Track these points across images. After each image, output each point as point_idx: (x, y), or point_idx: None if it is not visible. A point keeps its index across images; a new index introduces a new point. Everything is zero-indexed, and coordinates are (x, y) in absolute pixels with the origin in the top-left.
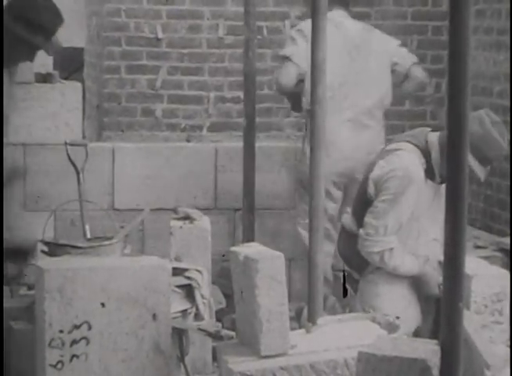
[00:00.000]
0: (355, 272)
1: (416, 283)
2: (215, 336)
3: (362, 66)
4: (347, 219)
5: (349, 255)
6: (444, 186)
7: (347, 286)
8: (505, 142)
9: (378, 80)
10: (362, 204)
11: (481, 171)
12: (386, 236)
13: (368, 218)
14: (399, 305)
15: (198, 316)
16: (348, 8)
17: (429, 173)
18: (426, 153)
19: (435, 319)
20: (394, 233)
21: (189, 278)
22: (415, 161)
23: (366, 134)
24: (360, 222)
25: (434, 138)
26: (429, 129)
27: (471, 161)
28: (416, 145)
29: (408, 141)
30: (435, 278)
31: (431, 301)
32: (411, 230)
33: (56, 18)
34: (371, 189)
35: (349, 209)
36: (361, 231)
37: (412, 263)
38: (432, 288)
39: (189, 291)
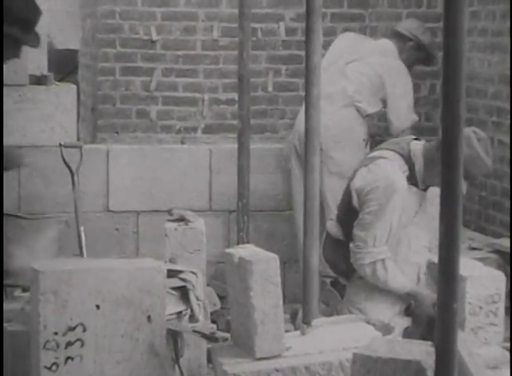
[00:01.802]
0: (341, 278)
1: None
2: (210, 338)
3: None
4: (332, 226)
5: (335, 261)
6: (430, 192)
7: (335, 291)
8: (489, 160)
9: None
10: (346, 211)
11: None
12: (376, 247)
13: (356, 231)
14: (387, 311)
15: (193, 318)
16: None
17: (412, 179)
18: (408, 160)
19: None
20: (384, 243)
21: (183, 280)
22: (396, 170)
23: None
24: (345, 228)
25: (417, 146)
26: (412, 137)
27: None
28: (398, 152)
29: (391, 149)
30: (430, 298)
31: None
32: (401, 238)
33: (34, 9)
34: (355, 200)
35: (333, 216)
36: (351, 245)
37: (404, 280)
38: (426, 308)
39: (184, 292)
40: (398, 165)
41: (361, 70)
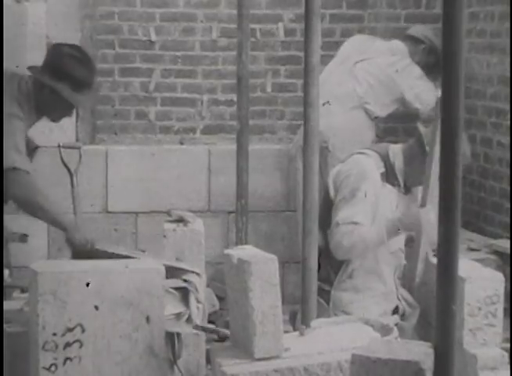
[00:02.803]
0: (324, 285)
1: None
2: (210, 330)
3: None
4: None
5: (319, 269)
6: (412, 195)
7: (321, 300)
8: (466, 152)
9: None
10: (326, 212)
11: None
12: (344, 227)
13: (330, 218)
14: (373, 311)
15: (190, 320)
16: None
17: (390, 179)
18: (385, 159)
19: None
20: (354, 223)
21: (186, 281)
22: (370, 163)
23: None
24: (325, 233)
25: (396, 149)
26: (389, 143)
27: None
28: (375, 151)
29: (369, 148)
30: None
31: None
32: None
33: (93, 73)
34: (331, 192)
35: None
36: (328, 232)
37: (378, 231)
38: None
39: (185, 293)
40: (373, 161)
41: (369, 70)
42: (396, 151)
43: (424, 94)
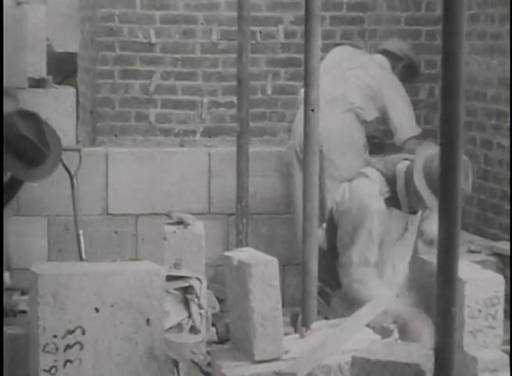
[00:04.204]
0: (326, 287)
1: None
2: (206, 373)
3: None
4: (320, 235)
5: (321, 272)
6: (418, 216)
7: (321, 300)
8: (467, 183)
9: None
10: (331, 225)
11: (431, 201)
12: (352, 268)
13: (338, 249)
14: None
15: (194, 329)
16: None
17: (394, 202)
18: (391, 181)
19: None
20: (363, 264)
21: (187, 282)
22: (373, 192)
23: None
24: (330, 241)
25: (402, 167)
26: (402, 158)
27: (424, 189)
28: (382, 173)
29: (376, 168)
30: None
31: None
32: (385, 260)
33: (46, 146)
34: (335, 215)
35: (324, 224)
36: (338, 261)
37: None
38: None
39: (187, 292)
40: (378, 187)
41: (361, 77)
42: (401, 171)
43: (405, 121)
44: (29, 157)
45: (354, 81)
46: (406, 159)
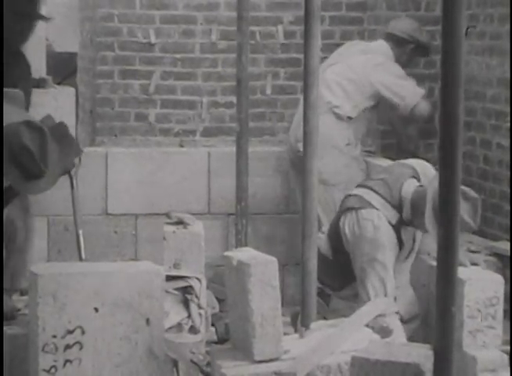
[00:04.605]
0: (327, 289)
1: None
2: (206, 373)
3: None
4: (322, 241)
5: (322, 275)
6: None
7: (321, 301)
8: (474, 222)
9: None
10: (335, 235)
11: (433, 228)
12: (375, 298)
13: (357, 282)
14: None
15: (193, 329)
16: None
17: (402, 223)
18: (399, 208)
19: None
20: (382, 294)
21: (187, 282)
22: (382, 223)
23: None
24: (334, 248)
25: (408, 192)
26: (408, 176)
27: (430, 217)
28: (387, 200)
29: (380, 195)
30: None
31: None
32: (402, 270)
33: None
34: (344, 238)
35: (324, 229)
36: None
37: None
38: None
39: (186, 292)
40: (386, 217)
41: (340, 72)
42: (406, 197)
43: (404, 91)
44: (28, 170)
45: (332, 78)
46: (413, 177)
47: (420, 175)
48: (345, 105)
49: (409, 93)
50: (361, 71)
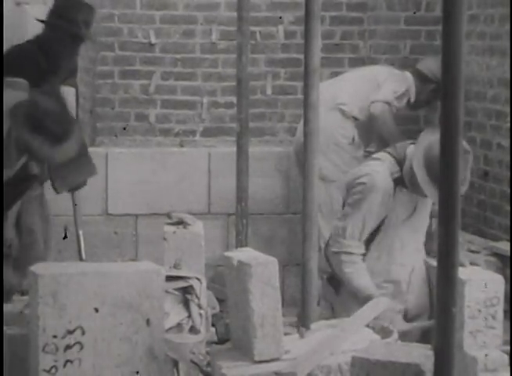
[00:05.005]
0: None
1: None
2: (206, 373)
3: None
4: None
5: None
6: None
7: (330, 287)
8: (466, 173)
9: None
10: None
11: (431, 191)
12: (345, 239)
13: (334, 221)
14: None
15: (194, 329)
16: None
17: (403, 182)
18: (401, 162)
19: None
20: (354, 238)
21: (187, 282)
22: (383, 170)
23: None
24: None
25: (411, 151)
26: (410, 142)
27: (425, 181)
28: (393, 155)
29: (387, 151)
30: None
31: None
32: (394, 241)
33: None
34: (344, 195)
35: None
36: (329, 234)
37: (368, 284)
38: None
39: (186, 292)
40: (388, 167)
41: (357, 74)
42: (408, 153)
43: (383, 90)
44: (52, 132)
45: (348, 79)
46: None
47: None
48: (353, 104)
49: (380, 92)
50: (378, 78)
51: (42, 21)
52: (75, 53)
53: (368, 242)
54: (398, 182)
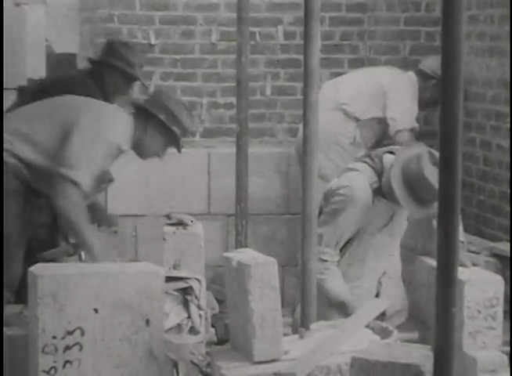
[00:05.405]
0: None
1: None
2: (206, 374)
3: None
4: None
5: None
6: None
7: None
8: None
9: None
10: None
11: (414, 210)
12: (321, 247)
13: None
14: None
15: (193, 330)
16: None
17: (382, 192)
18: (380, 172)
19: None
20: (330, 246)
21: (187, 283)
22: (362, 182)
23: None
24: None
25: (388, 161)
26: (385, 150)
27: (404, 197)
28: (371, 166)
29: (364, 161)
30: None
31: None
32: (368, 247)
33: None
34: (322, 203)
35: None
36: None
37: (342, 290)
38: None
39: (186, 293)
40: (367, 178)
41: (361, 75)
42: (386, 163)
43: (399, 114)
44: (182, 128)
45: (351, 79)
46: (390, 152)
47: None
48: (356, 105)
49: (402, 118)
50: (382, 80)
51: (99, 61)
52: (128, 92)
53: (342, 248)
54: (377, 192)
